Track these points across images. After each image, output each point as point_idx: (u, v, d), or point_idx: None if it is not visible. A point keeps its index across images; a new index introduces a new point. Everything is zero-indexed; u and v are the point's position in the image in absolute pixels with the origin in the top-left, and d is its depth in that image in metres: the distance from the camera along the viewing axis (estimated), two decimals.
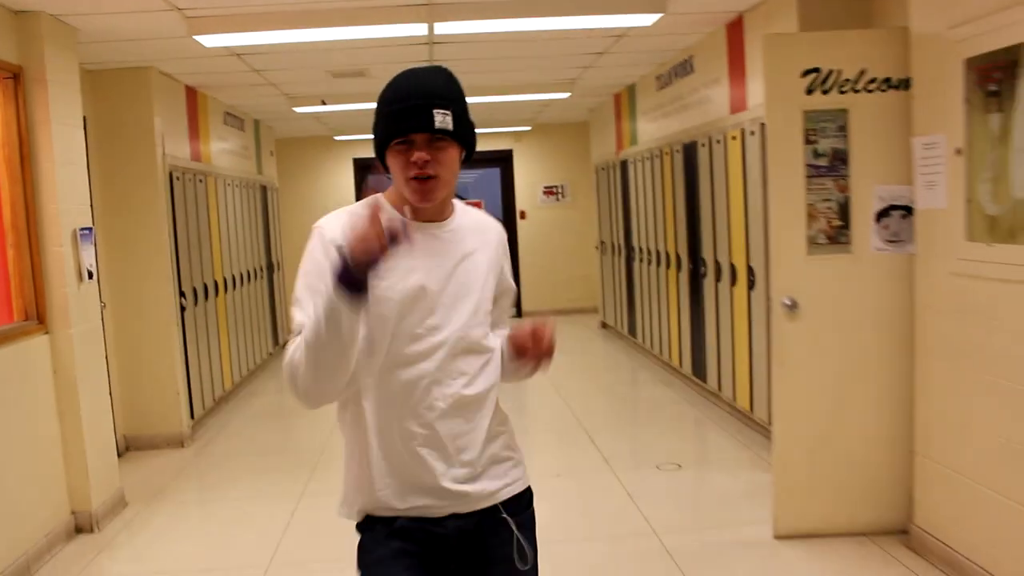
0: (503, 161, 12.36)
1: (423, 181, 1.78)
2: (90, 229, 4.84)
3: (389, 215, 1.62)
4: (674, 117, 7.10)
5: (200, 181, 7.12)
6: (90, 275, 4.81)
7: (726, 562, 3.97)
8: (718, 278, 6.20)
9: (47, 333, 4.52)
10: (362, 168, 12.07)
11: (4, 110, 4.34)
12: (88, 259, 4.78)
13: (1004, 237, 3.19)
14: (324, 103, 8.12)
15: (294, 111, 8.49)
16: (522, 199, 12.25)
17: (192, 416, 6.53)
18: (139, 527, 4.78)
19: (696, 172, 6.50)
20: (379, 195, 1.86)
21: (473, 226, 1.94)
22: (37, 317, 4.48)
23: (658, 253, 7.81)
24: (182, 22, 4.72)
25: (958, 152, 3.37)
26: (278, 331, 10.14)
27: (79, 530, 4.66)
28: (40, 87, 4.45)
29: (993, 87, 3.22)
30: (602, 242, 10.46)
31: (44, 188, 4.47)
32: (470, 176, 15.06)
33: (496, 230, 2.00)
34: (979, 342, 3.35)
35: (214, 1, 4.47)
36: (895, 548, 3.89)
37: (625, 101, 8.87)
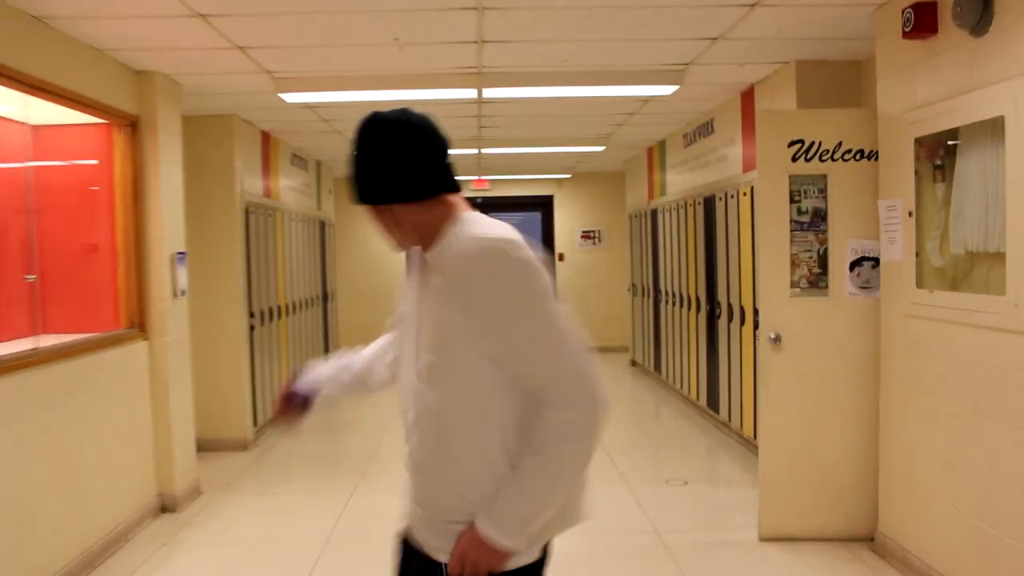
0: (544, 206, 13.17)
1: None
2: (184, 253, 5.68)
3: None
4: (697, 172, 7.84)
5: (270, 215, 7.99)
6: (182, 292, 5.64)
7: (715, 557, 4.63)
8: (730, 319, 6.88)
9: (146, 340, 5.35)
10: None
11: (123, 153, 5.21)
12: (182, 279, 5.61)
13: (944, 285, 3.87)
14: None
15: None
16: (561, 242, 13.02)
17: (255, 424, 7.33)
18: (212, 511, 5.56)
19: (714, 223, 7.21)
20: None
21: (447, 257, 1.78)
22: (139, 326, 5.31)
23: (681, 296, 8.50)
24: (270, 82, 5.59)
25: (910, 214, 4.07)
26: (329, 355, 10.92)
27: (163, 509, 5.44)
28: (152, 134, 5.32)
29: (938, 161, 3.92)
30: (633, 284, 11.18)
31: (151, 218, 5.32)
32: (514, 218, 15.85)
33: (455, 268, 1.75)
34: (922, 373, 4.02)
35: (298, 66, 5.33)
36: (862, 551, 4.52)
37: (656, 155, 9.62)
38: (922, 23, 3.76)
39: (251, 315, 7.29)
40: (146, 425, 5.33)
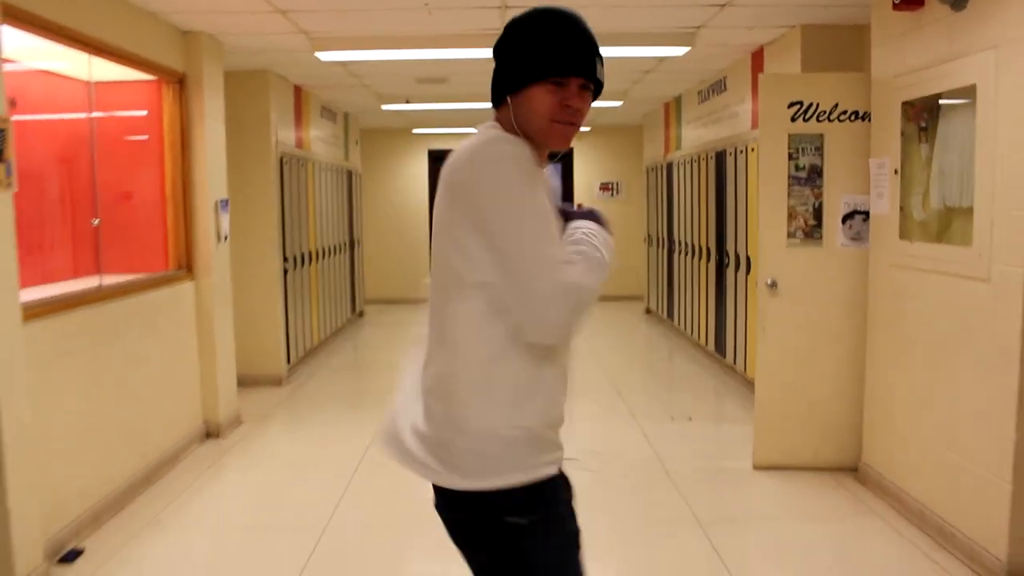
0: (564, 158, 13.51)
1: (566, 126, 1.76)
2: (227, 201, 6.12)
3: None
4: (710, 127, 8.17)
5: (302, 165, 8.41)
6: (225, 237, 6.09)
7: (711, 482, 5.08)
8: (737, 268, 7.27)
9: (193, 280, 5.81)
10: (435, 159, 13.31)
11: (171, 107, 5.63)
12: (224, 225, 6.06)
13: (924, 237, 4.25)
14: (408, 102, 9.36)
15: (381, 108, 9.75)
16: (580, 194, 13.37)
17: (288, 361, 7.82)
18: (252, 437, 6.06)
19: (725, 177, 7.57)
20: (499, 131, 1.78)
21: None
22: (187, 267, 5.77)
23: (693, 246, 8.88)
24: (307, 42, 5.97)
25: (896, 172, 4.44)
26: (356, 300, 11.43)
27: (208, 435, 5.95)
28: (197, 90, 5.73)
29: (923, 124, 4.28)
30: (649, 235, 11.55)
31: (197, 168, 5.75)
32: None
33: (449, 165, 1.72)
34: (902, 318, 4.42)
35: (333, 27, 5.70)
36: (846, 480, 4.96)
37: (673, 110, 9.93)
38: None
39: (285, 260, 7.74)
40: (193, 359, 5.81)
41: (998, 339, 3.55)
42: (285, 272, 7.77)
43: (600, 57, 1.76)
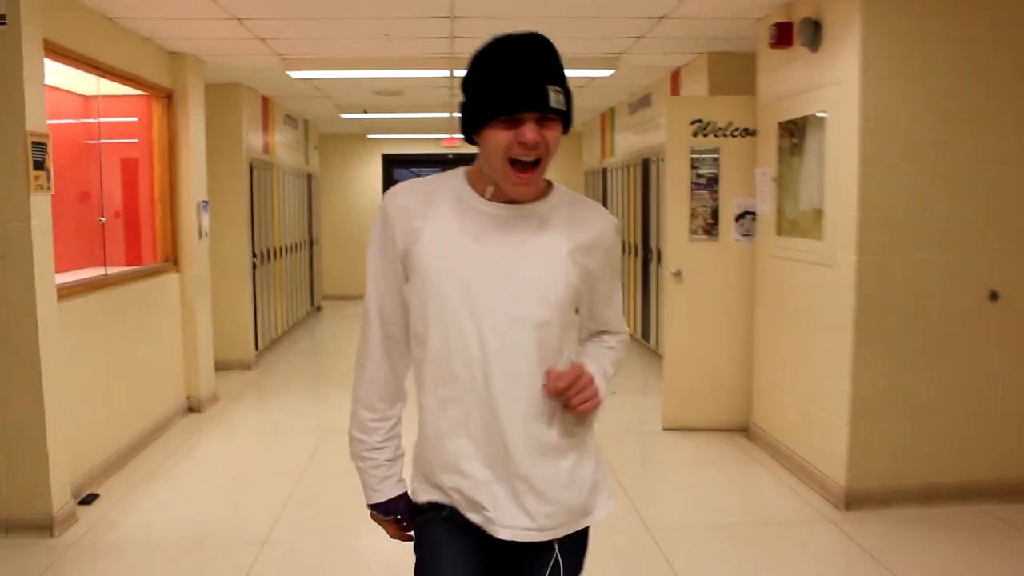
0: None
1: (527, 169, 1.66)
2: (207, 202, 6.91)
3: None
4: (638, 136, 9.13)
5: (268, 169, 9.20)
6: (205, 234, 6.88)
7: (625, 442, 6.01)
8: (658, 262, 8.24)
9: (178, 272, 6.60)
10: (389, 162, 14.13)
11: (160, 119, 6.42)
12: (205, 223, 6.85)
13: (794, 233, 5.22)
14: (366, 111, 10.19)
15: (341, 116, 10.57)
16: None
17: (256, 348, 8.62)
18: (229, 412, 6.87)
19: (649, 181, 8.52)
20: (460, 170, 1.81)
21: (589, 213, 1.83)
22: (173, 260, 6.56)
23: (625, 243, 9.84)
24: (280, 62, 6.79)
25: (775, 180, 5.41)
26: (314, 295, 12.22)
27: (190, 409, 6.74)
28: (183, 103, 6.52)
29: (794, 140, 5.24)
30: None
31: (181, 173, 6.54)
32: (428, 175, 16.99)
33: (603, 225, 1.84)
34: (777, 299, 5.39)
35: (304, 51, 6.53)
36: (738, 438, 5.93)
37: (608, 120, 10.88)
38: (781, 37, 5.05)
39: (254, 255, 8.53)
40: (178, 341, 6.60)
41: (839, 312, 4.53)
42: (254, 266, 8.56)
43: (557, 83, 1.62)
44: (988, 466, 4.61)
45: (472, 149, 1.74)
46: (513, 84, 1.61)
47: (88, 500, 4.74)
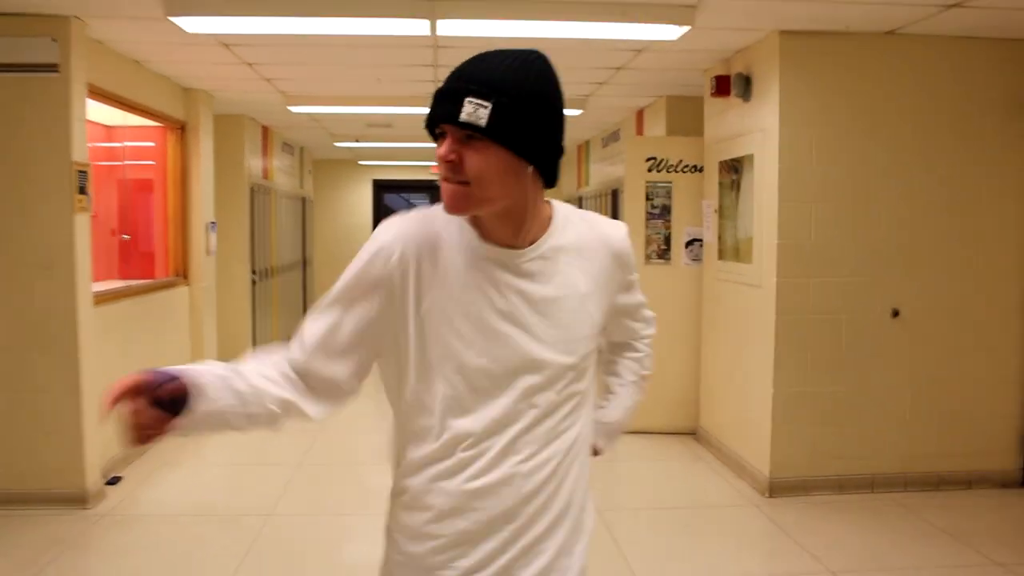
0: None
1: (453, 185, 1.48)
2: (215, 223, 7.65)
3: None
4: (609, 168, 9.91)
5: (266, 193, 9.94)
6: (212, 252, 7.61)
7: None
8: None
9: (188, 286, 7.32)
10: (379, 187, 14.90)
11: (174, 148, 7.16)
12: (212, 242, 7.58)
13: (732, 258, 5.98)
14: (358, 140, 10.97)
15: (334, 145, 11.34)
16: None
17: None
18: None
19: (617, 209, 9.30)
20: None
21: (597, 237, 1.71)
22: (183, 275, 7.28)
23: None
24: (283, 98, 7.56)
25: (716, 211, 6.18)
26: (306, 312, 12.91)
27: None
28: (194, 134, 7.27)
29: (733, 177, 6.02)
30: None
31: (192, 197, 7.27)
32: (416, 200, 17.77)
33: (617, 247, 1.74)
34: (718, 317, 6.15)
35: (305, 89, 7.29)
36: (688, 440, 6.67)
37: (584, 151, 11.69)
38: (720, 88, 5.83)
39: (253, 272, 9.25)
40: (186, 347, 7.30)
41: (764, 327, 5.29)
42: (253, 283, 9.28)
43: (488, 95, 1.41)
44: (894, 460, 5.36)
45: None
46: (436, 92, 1.48)
47: (113, 481, 5.43)
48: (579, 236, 1.66)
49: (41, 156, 4.77)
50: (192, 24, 4.65)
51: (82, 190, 4.90)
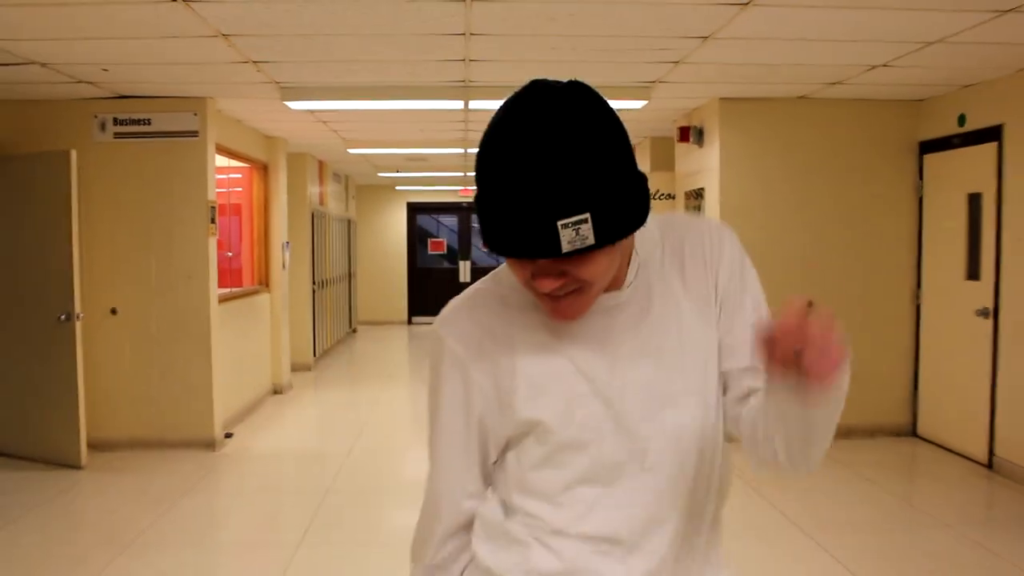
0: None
1: (561, 299, 1.24)
2: (288, 243, 9.54)
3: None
4: None
5: (322, 217, 11.85)
6: (285, 266, 9.50)
7: None
8: None
9: (269, 293, 9.21)
10: (413, 209, 16.81)
11: (258, 184, 9.07)
12: (286, 258, 9.47)
13: None
14: (398, 171, 12.88)
15: (377, 175, 13.26)
16: None
17: (315, 354, 11.21)
18: (299, 395, 9.45)
19: None
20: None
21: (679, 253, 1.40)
22: (265, 284, 9.17)
23: None
24: (342, 142, 9.46)
25: None
26: (352, 320, 14.84)
27: (275, 392, 9.31)
28: (274, 172, 9.18)
29: (695, 204, 7.81)
30: None
31: (272, 222, 9.17)
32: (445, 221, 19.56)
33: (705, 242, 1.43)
34: None
35: (358, 135, 9.17)
36: None
37: None
38: (683, 136, 7.63)
39: (313, 283, 11.15)
40: (266, 341, 9.19)
41: None
42: (313, 292, 11.18)
43: (579, 205, 1.11)
44: None
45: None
46: (508, 222, 1.14)
47: (228, 435, 7.29)
48: (671, 243, 1.41)
49: (186, 197, 6.67)
50: (296, 104, 6.55)
51: (212, 220, 6.79)
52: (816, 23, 4.57)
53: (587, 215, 1.12)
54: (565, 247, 1.13)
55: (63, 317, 6.10)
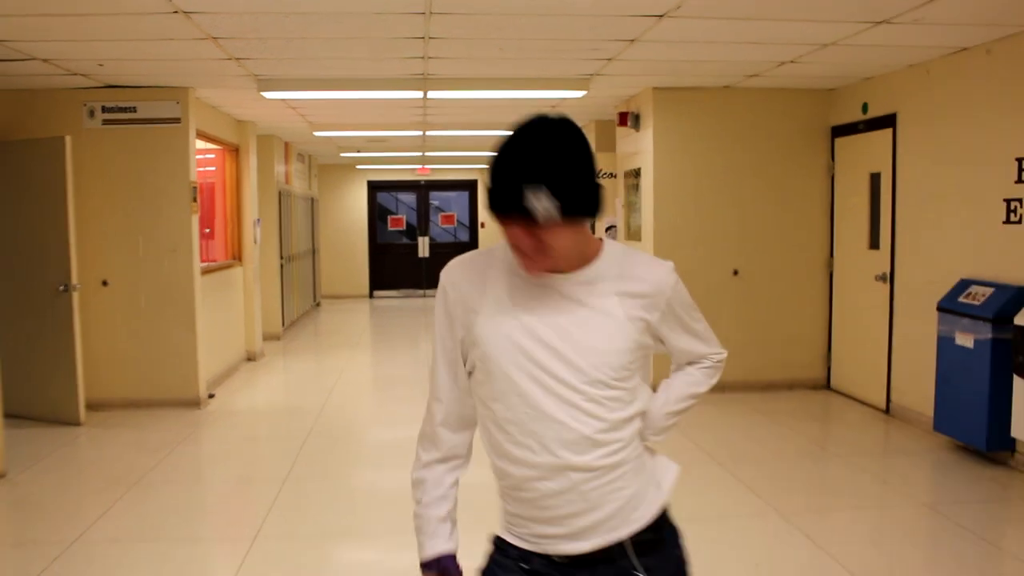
0: (470, 186, 17.78)
1: (529, 256, 1.70)
2: (259, 220, 10.19)
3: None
4: None
5: (288, 196, 12.48)
6: (257, 242, 10.15)
7: None
8: None
9: (241, 266, 9.87)
10: (373, 187, 17.44)
11: (231, 165, 9.70)
12: (257, 234, 10.12)
13: (633, 239, 8.56)
14: (359, 151, 13.53)
15: (340, 155, 13.90)
16: (483, 214, 17.62)
17: (283, 324, 11.88)
18: (272, 362, 10.14)
19: None
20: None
21: (639, 271, 1.84)
22: (238, 258, 9.83)
23: None
24: (308, 126, 10.11)
25: (624, 206, 8.78)
26: (316, 294, 15.50)
27: (249, 359, 9.99)
28: (245, 154, 9.81)
29: (634, 182, 8.61)
30: None
31: (243, 201, 9.81)
32: (448, 196, 20.18)
33: (657, 279, 1.85)
34: None
35: (326, 119, 9.83)
36: None
37: None
38: (621, 120, 8.40)
39: (281, 258, 11.81)
40: (239, 312, 9.85)
41: None
42: (281, 267, 11.83)
43: (549, 180, 1.58)
44: (737, 373, 7.94)
45: (434, 177, 3.83)
46: (496, 183, 1.63)
47: (211, 396, 7.98)
48: (624, 264, 1.81)
49: (170, 177, 7.32)
50: (271, 95, 7.21)
51: (194, 199, 7.45)
52: (723, 30, 5.37)
53: (556, 199, 1.57)
54: (539, 216, 1.59)
55: (62, 288, 6.74)
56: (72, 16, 4.82)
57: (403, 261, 17.80)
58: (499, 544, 1.89)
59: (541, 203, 1.57)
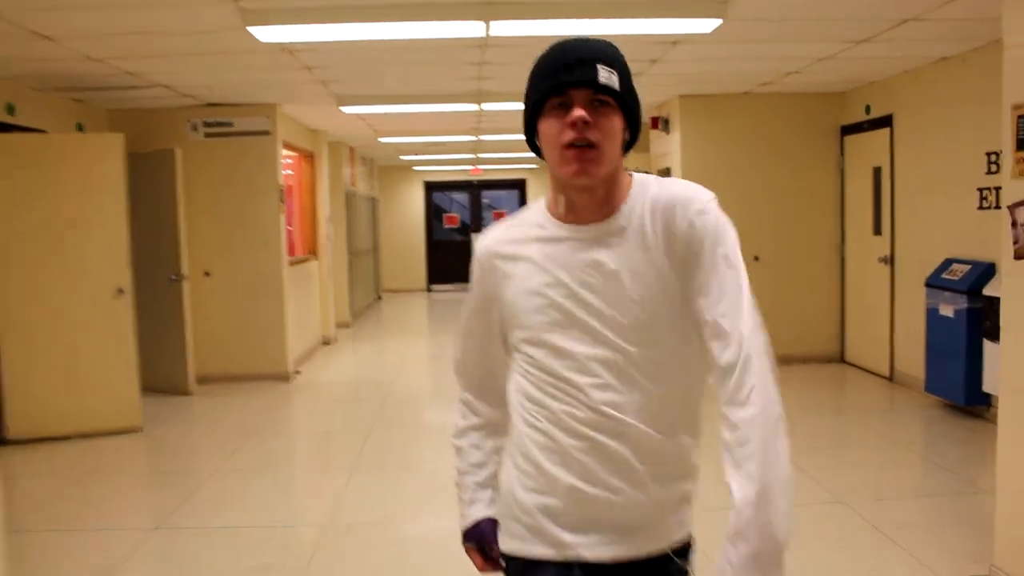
0: (520, 185, 18.86)
1: (581, 150, 1.57)
2: (331, 218, 11.38)
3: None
4: None
5: (354, 196, 13.68)
6: (329, 238, 11.34)
7: None
8: None
9: (317, 260, 11.06)
10: (429, 187, 18.62)
11: (306, 170, 10.89)
12: (330, 231, 11.31)
13: None
14: (418, 154, 14.70)
15: (400, 158, 15.09)
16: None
17: (352, 315, 13.09)
18: (345, 345, 11.34)
19: None
20: (539, 201, 1.77)
21: (682, 210, 1.70)
22: (314, 253, 11.02)
23: None
24: (373, 133, 11.27)
25: None
26: (377, 288, 16.72)
27: (325, 343, 11.19)
28: (319, 159, 11.00)
29: None
30: None
31: (318, 201, 11.00)
32: (500, 194, 21.18)
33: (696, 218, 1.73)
34: None
35: (392, 125, 10.96)
36: None
37: None
38: (654, 124, 9.40)
39: (349, 253, 13.01)
40: (316, 300, 11.04)
41: None
42: (350, 260, 13.03)
43: (606, 63, 1.58)
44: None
45: (486, 177, 4.70)
46: (562, 64, 1.57)
47: (297, 372, 9.16)
48: (656, 198, 1.68)
49: (261, 181, 8.52)
50: (349, 109, 8.37)
51: (281, 200, 8.64)
52: (726, 52, 6.38)
53: (616, 72, 1.59)
54: (602, 80, 1.56)
55: (173, 277, 7.96)
56: (197, 55, 5.99)
57: (457, 256, 18.88)
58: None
59: (607, 73, 1.57)
